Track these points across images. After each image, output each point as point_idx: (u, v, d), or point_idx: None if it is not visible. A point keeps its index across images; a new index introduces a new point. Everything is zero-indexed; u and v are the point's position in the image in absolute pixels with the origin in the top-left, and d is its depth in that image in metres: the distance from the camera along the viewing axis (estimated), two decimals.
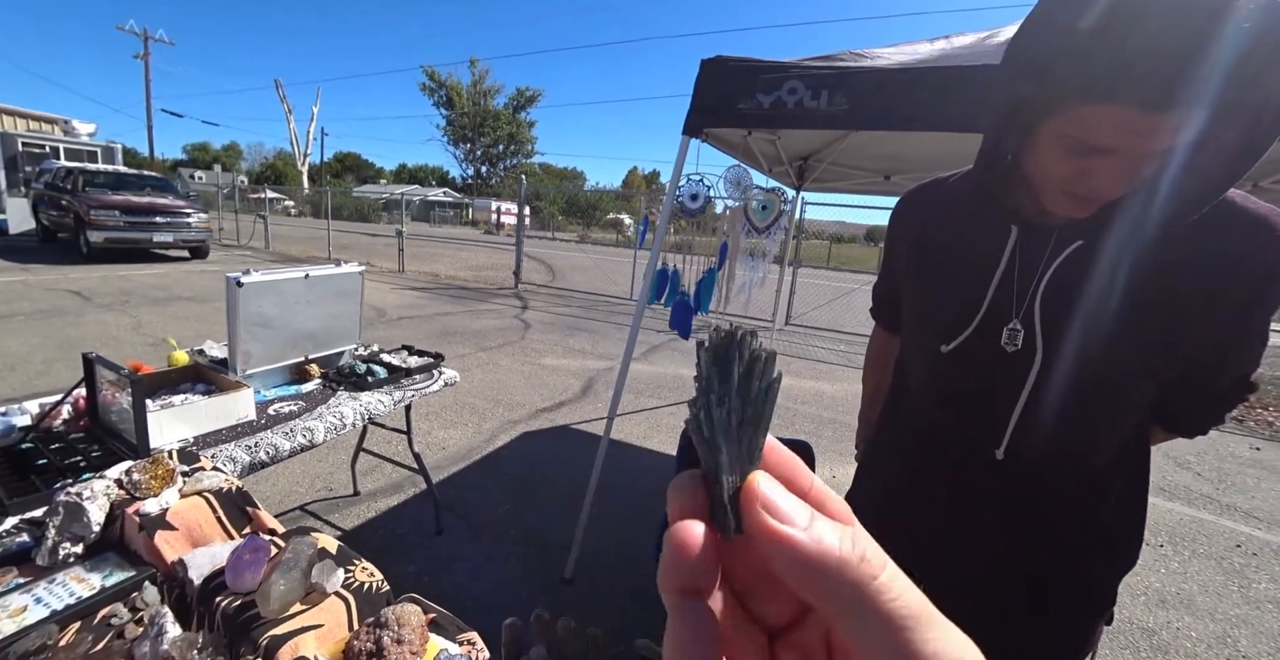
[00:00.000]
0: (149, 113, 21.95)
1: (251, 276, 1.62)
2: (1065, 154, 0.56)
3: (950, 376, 0.76)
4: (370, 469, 2.70)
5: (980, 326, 0.71)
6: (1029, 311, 0.68)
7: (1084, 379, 0.66)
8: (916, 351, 0.83)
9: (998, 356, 0.70)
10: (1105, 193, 0.57)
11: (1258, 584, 2.45)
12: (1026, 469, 0.72)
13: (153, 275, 7.73)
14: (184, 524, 0.90)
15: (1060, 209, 0.62)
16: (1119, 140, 0.52)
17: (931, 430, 0.80)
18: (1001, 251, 0.70)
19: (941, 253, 0.77)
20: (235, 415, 1.46)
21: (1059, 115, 0.55)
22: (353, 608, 0.78)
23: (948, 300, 0.75)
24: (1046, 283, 0.67)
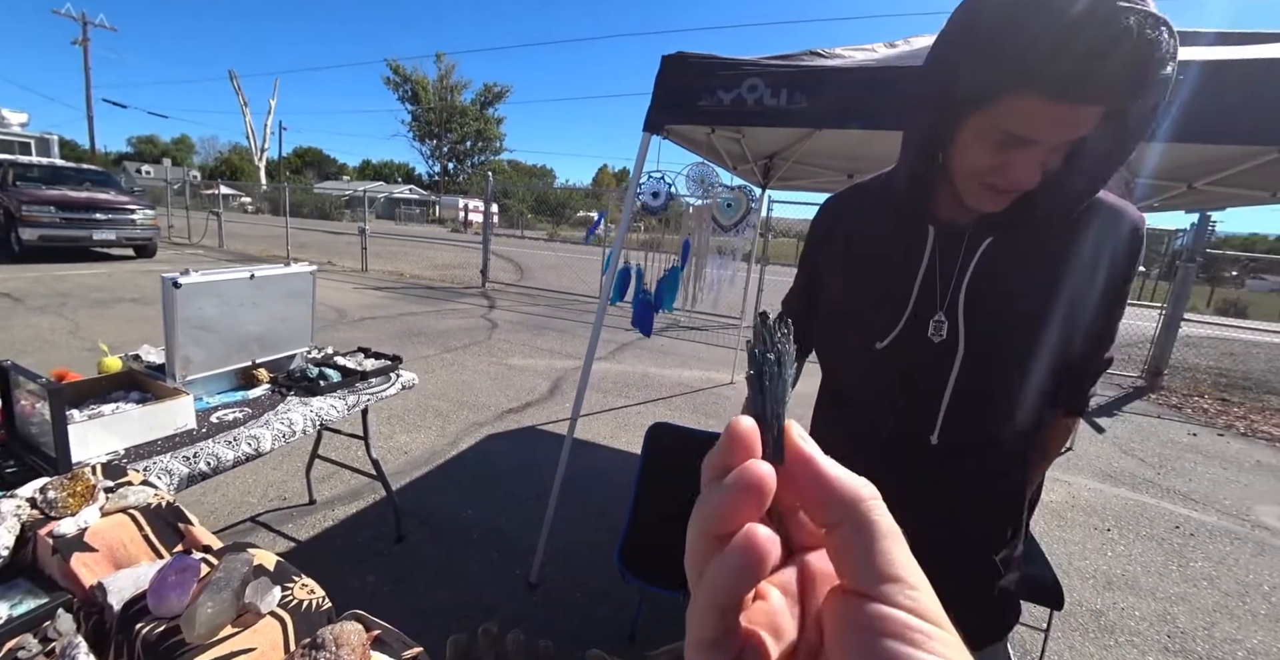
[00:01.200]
0: (89, 102, 20.73)
1: (190, 277, 1.54)
2: (990, 147, 0.63)
3: (885, 371, 0.81)
4: (327, 476, 2.61)
5: (909, 321, 0.77)
6: (952, 304, 0.76)
7: (1001, 364, 0.75)
8: (848, 353, 0.87)
9: (926, 348, 0.77)
10: (1021, 183, 0.63)
11: (1194, 562, 2.58)
12: (958, 450, 0.80)
13: (93, 275, 7.32)
14: (105, 544, 0.84)
15: (978, 203, 0.69)
16: (1043, 131, 0.58)
17: (872, 425, 0.85)
18: (923, 251, 0.77)
19: (868, 255, 0.83)
20: (173, 424, 1.38)
21: (990, 108, 0.60)
22: (289, 629, 0.74)
23: (879, 299, 0.81)
24: (970, 278, 0.74)
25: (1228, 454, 4.10)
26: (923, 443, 0.80)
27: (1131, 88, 0.53)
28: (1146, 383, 5.95)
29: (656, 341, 6.08)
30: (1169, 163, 2.51)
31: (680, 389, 4.55)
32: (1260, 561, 2.65)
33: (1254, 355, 7.80)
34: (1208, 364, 6.93)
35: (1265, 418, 5.11)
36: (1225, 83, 1.19)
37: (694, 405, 4.18)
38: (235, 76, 31.72)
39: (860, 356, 0.83)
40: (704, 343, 6.36)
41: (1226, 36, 1.54)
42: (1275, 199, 2.42)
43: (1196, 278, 6.13)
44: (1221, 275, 20.40)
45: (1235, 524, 3.01)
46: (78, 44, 20.89)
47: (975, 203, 0.69)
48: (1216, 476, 3.64)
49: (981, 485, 0.83)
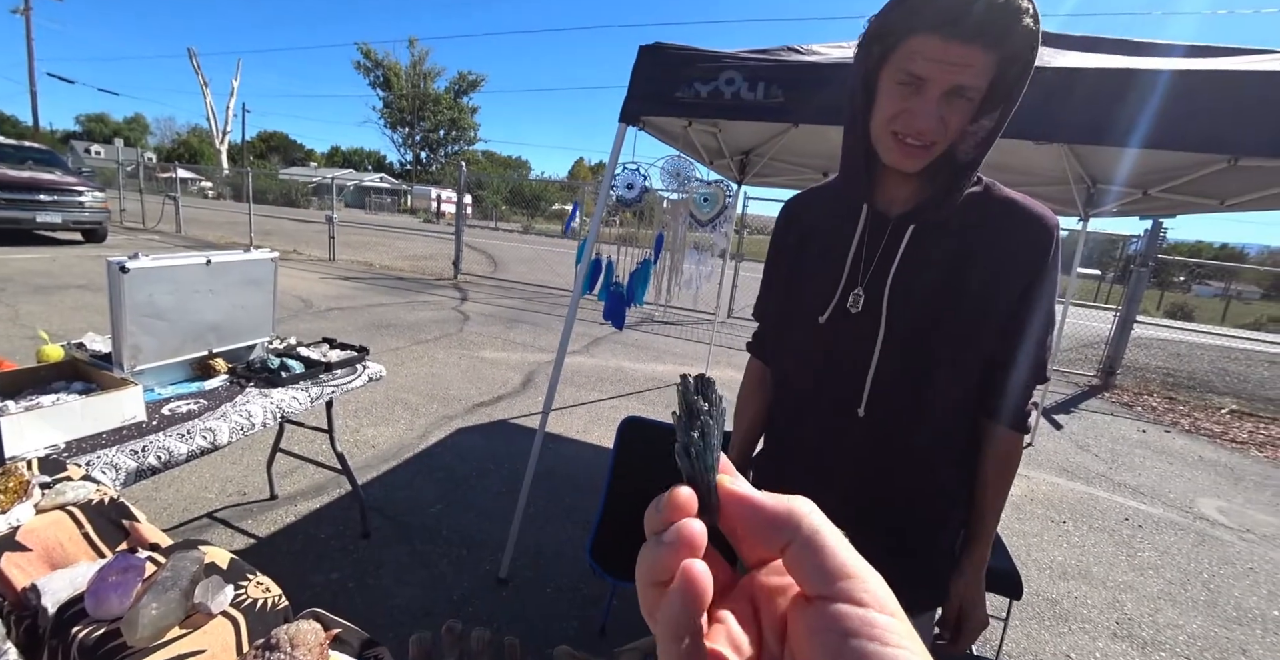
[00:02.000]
0: (31, 76, 19.53)
1: (140, 261, 1.46)
2: (895, 94, 0.72)
3: (823, 345, 0.87)
4: (290, 471, 2.52)
5: (841, 295, 0.84)
6: (876, 282, 0.81)
7: (920, 343, 0.80)
8: (795, 333, 0.92)
9: (852, 320, 0.83)
10: (921, 127, 0.71)
11: (1142, 553, 2.71)
12: (884, 426, 0.84)
13: (37, 260, 6.92)
14: (40, 544, 0.79)
15: (893, 159, 0.76)
16: (933, 69, 0.68)
17: (812, 398, 0.91)
18: (855, 228, 0.84)
19: (817, 242, 0.90)
20: (119, 416, 1.30)
21: (896, 53, 0.71)
22: (242, 629, 0.71)
23: (820, 277, 0.87)
24: (899, 261, 0.80)
25: (1173, 449, 4.31)
26: (852, 415, 0.85)
27: (1000, 31, 0.66)
28: (1101, 381, 6.21)
29: (630, 336, 6.07)
30: (1129, 169, 2.61)
31: (654, 383, 4.56)
32: (1200, 551, 2.79)
33: (1198, 356, 8.22)
34: (1157, 364, 7.27)
35: (1207, 415, 5.39)
36: (1186, 93, 1.23)
37: (667, 400, 4.18)
38: (194, 54, 30.30)
39: (804, 334, 0.89)
40: (678, 337, 6.38)
41: (1194, 50, 1.59)
42: (1224, 207, 2.53)
43: (1148, 282, 6.42)
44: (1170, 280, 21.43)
45: (1179, 516, 3.16)
46: (19, 13, 19.65)
47: (891, 159, 0.76)
48: (1163, 471, 3.82)
49: (906, 469, 0.86)
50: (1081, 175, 2.92)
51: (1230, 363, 8.02)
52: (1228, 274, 21.10)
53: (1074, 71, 1.30)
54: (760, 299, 1.05)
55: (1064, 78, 1.30)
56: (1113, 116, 1.27)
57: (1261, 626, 2.24)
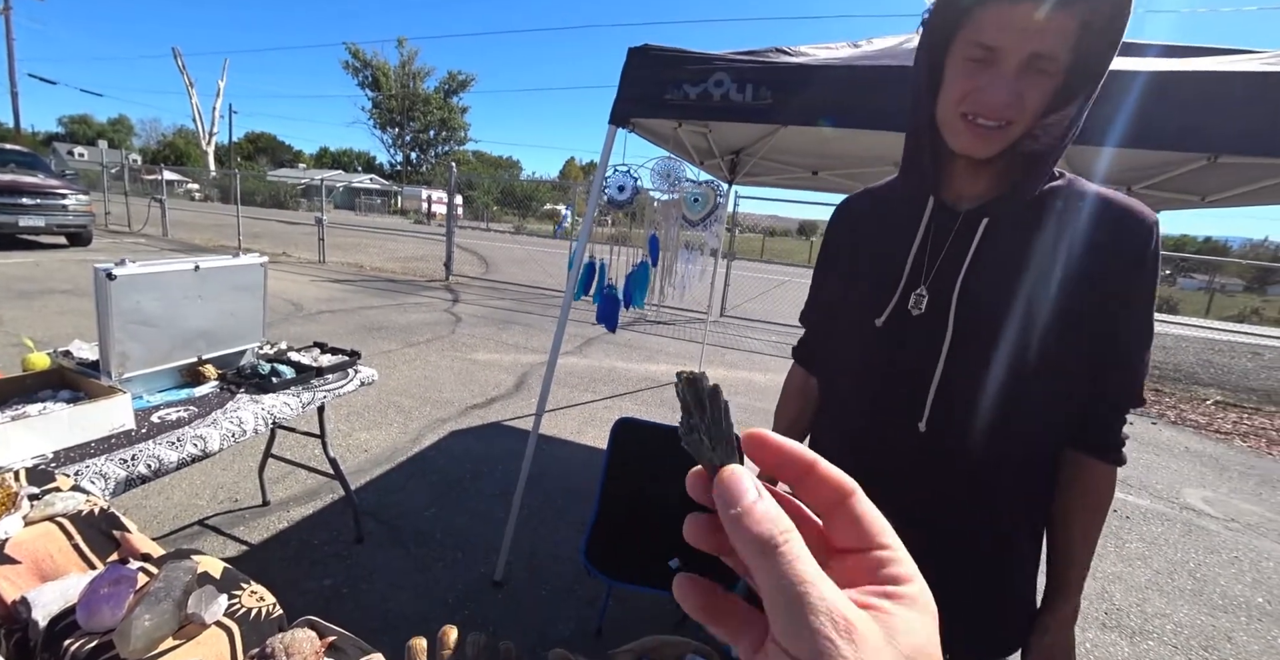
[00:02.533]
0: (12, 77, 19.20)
1: (127, 268, 1.44)
2: (966, 70, 0.66)
3: (881, 351, 0.78)
4: (282, 476, 2.51)
5: (902, 296, 0.75)
6: (940, 280, 0.73)
7: (990, 352, 0.70)
8: (848, 337, 0.84)
9: (914, 324, 0.74)
10: (994, 104, 0.64)
11: (1130, 543, 2.75)
12: (949, 444, 0.74)
13: (20, 265, 6.82)
14: (30, 556, 0.78)
15: (963, 143, 0.68)
16: (1007, 37, 0.62)
17: (863, 408, 0.82)
18: (919, 223, 0.75)
19: (873, 242, 0.82)
20: (108, 425, 1.29)
21: (966, 27, 0.65)
22: (237, 639, 0.70)
23: (878, 276, 0.78)
24: (970, 260, 0.71)
25: (1159, 441, 4.38)
26: (911, 429, 0.75)
27: None
28: None
29: (623, 336, 6.07)
30: (1111, 167, 2.64)
31: (647, 383, 4.57)
32: (1187, 541, 2.84)
33: (1184, 349, 8.34)
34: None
35: (1193, 407, 5.48)
36: (1163, 93, 1.25)
37: (661, 399, 4.20)
38: (179, 54, 29.92)
39: (858, 338, 0.80)
40: (671, 337, 6.39)
41: (1172, 49, 1.61)
42: (1205, 203, 2.57)
43: None
44: None
45: (1166, 506, 3.22)
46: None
47: (961, 144, 0.69)
48: (1150, 462, 3.88)
49: (971, 496, 0.76)
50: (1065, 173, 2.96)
51: (1214, 354, 8.15)
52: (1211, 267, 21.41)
53: None
54: (808, 304, 0.99)
55: None
56: (1092, 116, 1.29)
57: (1246, 614, 2.29)
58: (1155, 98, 1.25)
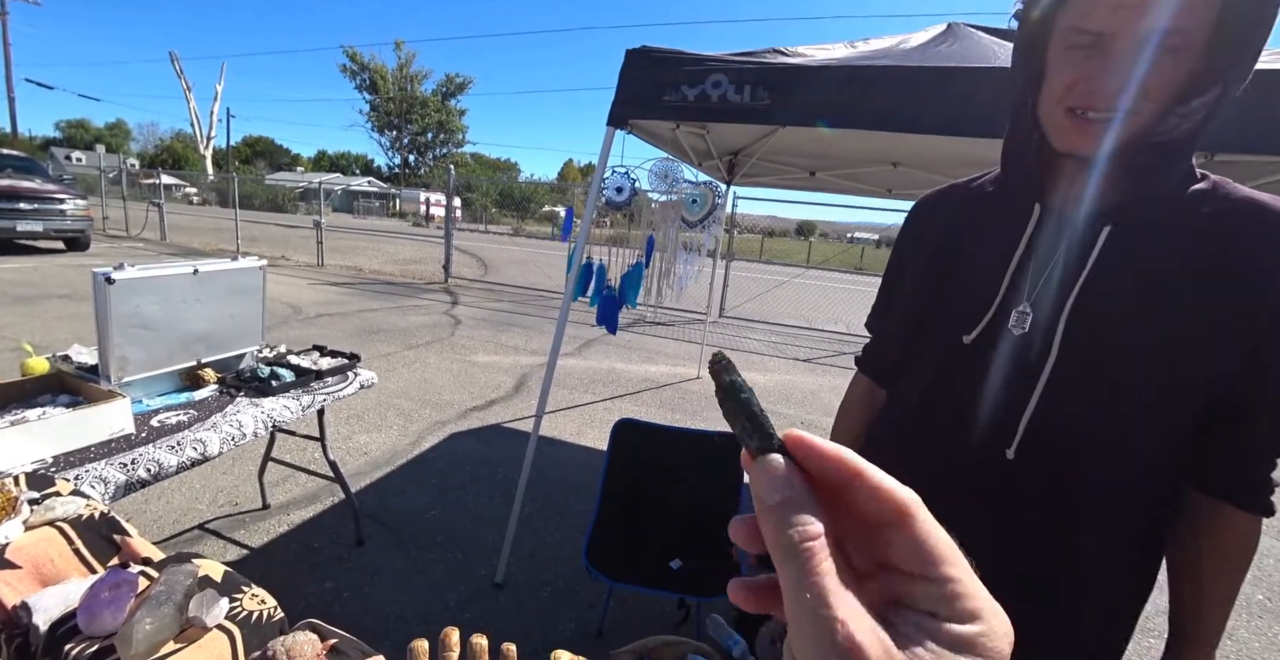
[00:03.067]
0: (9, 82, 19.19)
1: (126, 272, 1.44)
2: (1068, 61, 0.58)
3: (964, 369, 0.70)
4: (282, 479, 2.50)
5: (999, 311, 0.68)
6: (1047, 295, 0.65)
7: (1101, 377, 0.62)
8: (933, 351, 0.75)
9: (1010, 344, 0.67)
10: (1105, 88, 0.56)
11: None
12: (1040, 472, 0.66)
13: (17, 270, 6.81)
14: (30, 560, 0.78)
15: (1061, 138, 0.61)
16: (1110, 19, 0.54)
17: (942, 431, 0.73)
18: (1022, 232, 0.68)
19: (963, 248, 0.74)
20: (107, 429, 1.29)
21: (1065, 10, 0.58)
22: (238, 642, 0.71)
23: (969, 288, 0.71)
24: (1088, 272, 0.63)
25: None
26: (999, 457, 0.67)
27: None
28: None
29: (622, 337, 6.07)
30: None
31: (647, 384, 4.57)
32: None
33: None
34: None
35: None
36: None
37: (660, 400, 4.20)
38: (177, 59, 29.96)
39: (945, 354, 0.73)
40: (670, 338, 6.39)
41: None
42: None
43: None
44: None
45: None
46: None
47: (1065, 142, 0.61)
48: None
49: (1060, 536, 0.67)
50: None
51: None
52: None
53: None
54: (875, 310, 0.91)
55: None
56: None
57: (1247, 610, 2.29)
58: None
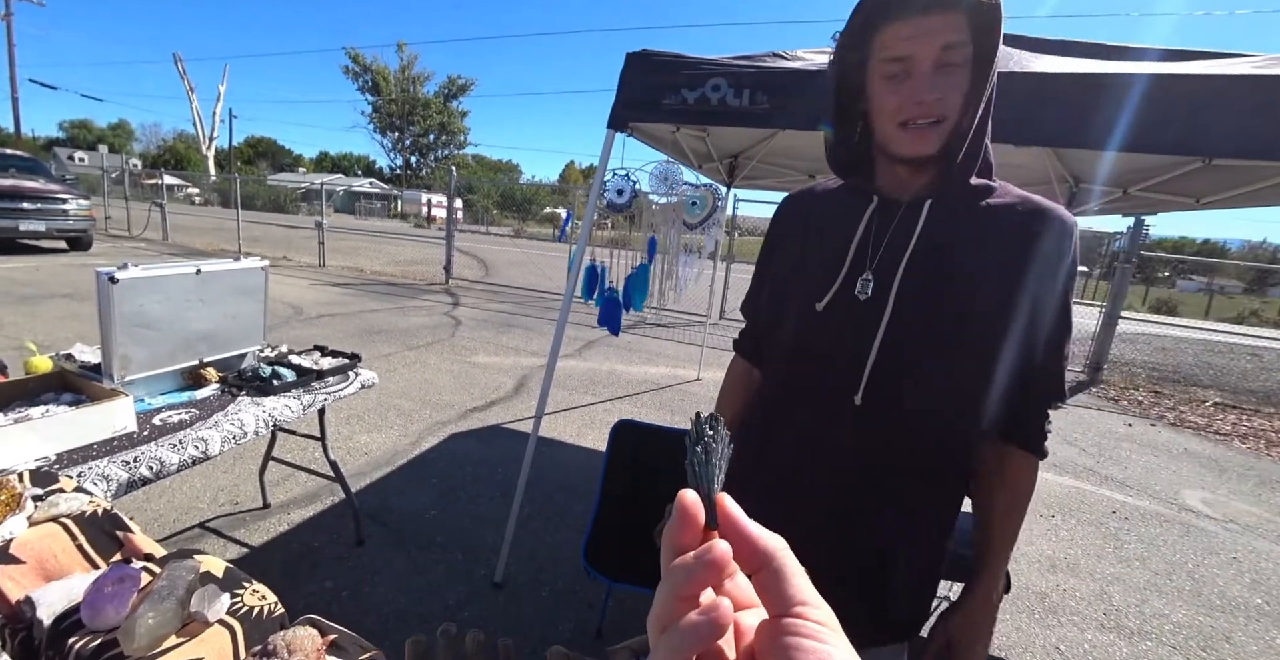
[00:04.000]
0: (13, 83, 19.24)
1: (129, 272, 1.46)
2: (888, 89, 0.73)
3: (818, 331, 0.83)
4: (282, 479, 2.51)
5: (844, 282, 0.81)
6: (886, 266, 0.78)
7: (926, 331, 0.76)
8: (790, 318, 0.88)
9: (856, 306, 0.79)
10: (921, 97, 0.71)
11: (1128, 545, 2.75)
12: (880, 419, 0.78)
13: (20, 269, 6.84)
14: (34, 556, 0.79)
15: (905, 147, 0.75)
16: (912, 45, 0.70)
17: (791, 383, 0.87)
18: (862, 216, 0.82)
19: (816, 234, 0.88)
20: (110, 427, 1.30)
21: (874, 51, 0.73)
22: (239, 637, 0.71)
23: (820, 264, 0.84)
24: (914, 243, 0.77)
25: (1159, 442, 4.38)
26: (848, 403, 0.79)
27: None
28: (1088, 377, 6.30)
29: (623, 339, 6.08)
30: (1107, 170, 2.66)
31: (646, 386, 4.57)
32: (1186, 542, 2.84)
33: (1183, 350, 8.35)
34: (1143, 359, 7.37)
35: (1192, 408, 5.48)
36: (1159, 96, 1.26)
37: (660, 402, 4.20)
38: (180, 60, 30.04)
39: (801, 319, 0.85)
40: (670, 340, 6.40)
41: (1171, 53, 1.63)
42: (1200, 205, 2.58)
43: (1132, 278, 6.52)
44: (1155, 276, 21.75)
45: (1164, 508, 3.22)
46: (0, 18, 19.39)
47: (903, 148, 0.75)
48: (1149, 464, 3.88)
49: (897, 476, 0.80)
50: (1064, 175, 2.97)
51: (1214, 356, 8.15)
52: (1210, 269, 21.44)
53: (1048, 76, 1.33)
54: (749, 294, 1.02)
55: (1038, 82, 1.33)
56: (1088, 120, 1.31)
57: (1245, 614, 2.29)
58: (1152, 102, 1.26)
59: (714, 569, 0.23)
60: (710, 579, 0.23)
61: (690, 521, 0.24)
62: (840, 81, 0.79)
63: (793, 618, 0.22)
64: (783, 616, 0.22)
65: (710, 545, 0.23)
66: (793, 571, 0.24)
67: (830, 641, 0.22)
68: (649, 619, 0.24)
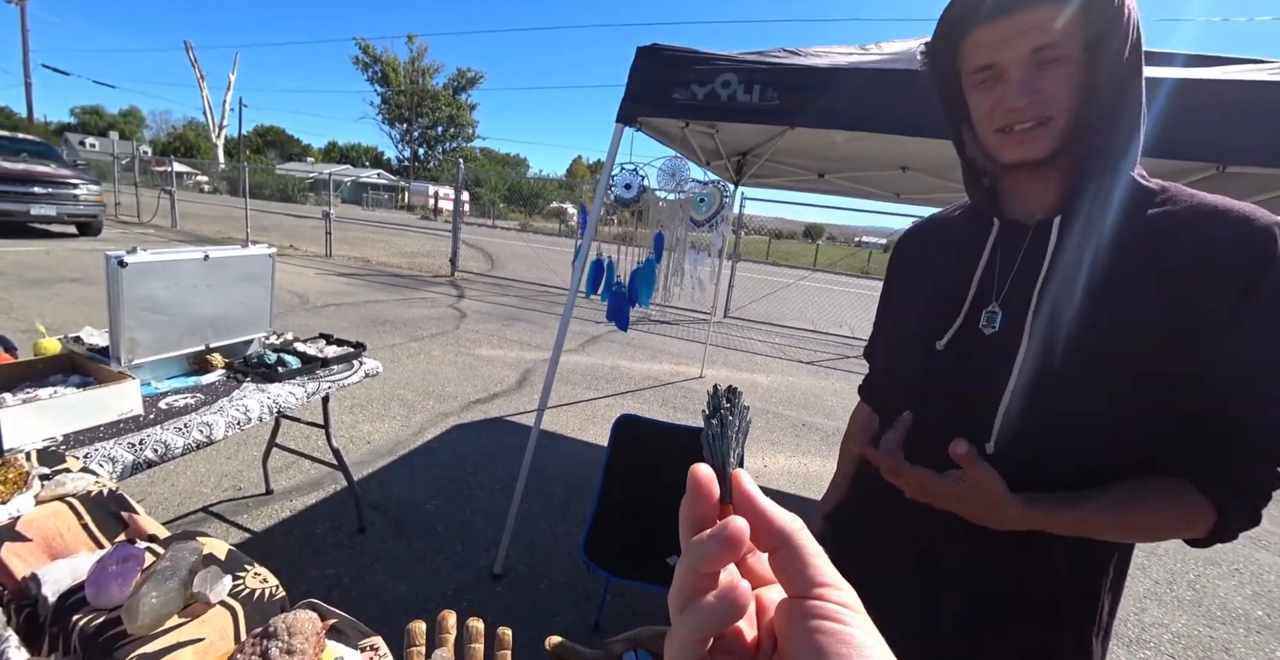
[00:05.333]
0: (26, 68, 19.35)
1: (138, 256, 1.46)
2: (982, 95, 0.67)
3: (942, 373, 0.74)
4: (286, 466, 2.53)
5: (968, 316, 0.72)
6: (1016, 296, 0.69)
7: (1072, 369, 0.64)
8: (909, 361, 0.79)
9: (983, 343, 0.70)
10: (1015, 104, 0.64)
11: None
12: (1020, 465, 0.65)
13: (30, 253, 6.89)
14: (40, 534, 0.80)
15: (1007, 152, 0.68)
16: (999, 52, 0.64)
17: (928, 434, 0.71)
18: (985, 244, 0.73)
19: (936, 269, 0.80)
20: (117, 410, 1.31)
21: (963, 61, 0.68)
22: (240, 618, 0.72)
23: (940, 299, 0.76)
24: (1046, 269, 0.67)
25: None
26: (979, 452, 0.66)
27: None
28: None
29: (627, 334, 6.08)
30: None
31: (649, 382, 4.57)
32: (1186, 552, 2.83)
33: None
34: None
35: None
36: (1181, 102, 1.24)
37: (663, 398, 4.20)
38: (191, 48, 30.14)
39: (920, 362, 0.77)
40: (674, 337, 6.40)
41: (1195, 59, 1.61)
42: None
43: None
44: None
45: None
46: (14, 3, 19.49)
47: (1009, 155, 0.68)
48: None
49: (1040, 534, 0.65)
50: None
51: None
52: None
53: None
54: (871, 339, 0.95)
55: None
56: None
57: (1245, 626, 2.28)
58: (1167, 107, 1.25)
59: (730, 547, 0.22)
60: (727, 557, 0.22)
61: (704, 496, 0.24)
62: (941, 93, 0.74)
63: (814, 599, 0.22)
64: (804, 598, 0.22)
65: (726, 523, 0.23)
66: (811, 551, 0.23)
67: (854, 623, 0.21)
68: (670, 594, 0.24)
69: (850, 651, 0.20)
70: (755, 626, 0.24)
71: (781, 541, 0.23)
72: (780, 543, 0.23)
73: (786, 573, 0.23)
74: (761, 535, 0.23)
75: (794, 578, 0.23)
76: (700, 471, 0.24)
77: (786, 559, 0.23)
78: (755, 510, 0.24)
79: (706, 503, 0.24)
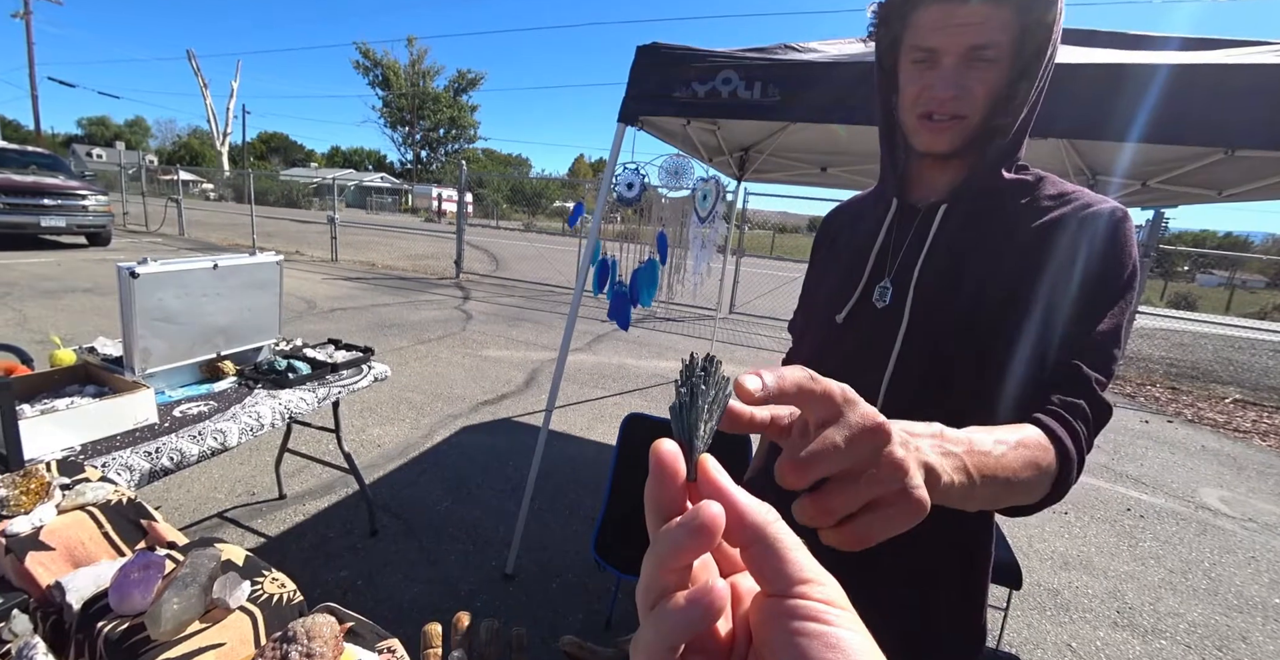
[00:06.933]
0: (33, 81, 19.55)
1: (149, 266, 1.48)
2: (913, 73, 0.69)
3: (838, 344, 0.80)
4: (298, 470, 2.56)
5: (863, 292, 0.77)
6: (903, 272, 0.74)
7: (946, 335, 0.70)
8: (815, 333, 0.85)
9: (874, 316, 0.76)
10: (941, 96, 0.67)
11: (1143, 542, 2.72)
12: None
13: (42, 264, 6.97)
14: (63, 543, 0.81)
15: (923, 140, 0.71)
16: (943, 37, 0.65)
17: None
18: (882, 224, 0.79)
19: (845, 246, 0.85)
20: (132, 419, 1.33)
21: (907, 33, 0.69)
22: (259, 623, 0.73)
23: (842, 276, 0.81)
24: (929, 246, 0.73)
25: (1175, 440, 4.32)
26: None
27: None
28: None
29: (633, 333, 6.09)
30: (1129, 161, 2.61)
31: (656, 380, 4.58)
32: (1202, 540, 2.81)
33: (1202, 346, 8.20)
34: (1160, 354, 7.25)
35: (1210, 405, 5.39)
36: (1181, 87, 1.24)
37: (670, 396, 4.20)
38: (194, 56, 30.30)
39: (823, 334, 0.82)
40: (680, 334, 6.40)
41: (1191, 42, 1.59)
42: (1222, 197, 2.53)
43: (1151, 272, 6.40)
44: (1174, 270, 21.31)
45: (1181, 505, 3.18)
46: (18, 17, 19.67)
47: (922, 142, 0.71)
48: (1165, 461, 3.83)
49: None
50: (1081, 168, 2.92)
51: (1234, 352, 8.00)
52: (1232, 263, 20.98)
53: (1070, 67, 1.31)
54: (794, 314, 1.00)
55: (1060, 73, 1.30)
56: (1108, 112, 1.28)
57: (1263, 614, 2.26)
58: (1173, 92, 1.23)
59: (703, 538, 0.20)
60: (699, 549, 0.20)
61: (669, 477, 0.22)
62: (880, 56, 0.75)
63: (795, 598, 0.20)
64: (784, 597, 0.20)
65: (698, 509, 0.20)
66: (789, 545, 0.21)
67: (840, 623, 0.19)
68: (637, 590, 0.22)
69: (837, 656, 0.19)
70: (730, 619, 0.22)
71: (755, 536, 0.21)
72: (753, 537, 0.21)
73: (762, 570, 0.21)
74: (732, 529, 0.21)
75: (771, 575, 0.20)
76: (664, 448, 0.22)
77: (762, 555, 0.21)
78: (726, 502, 0.21)
79: (672, 484, 0.22)
